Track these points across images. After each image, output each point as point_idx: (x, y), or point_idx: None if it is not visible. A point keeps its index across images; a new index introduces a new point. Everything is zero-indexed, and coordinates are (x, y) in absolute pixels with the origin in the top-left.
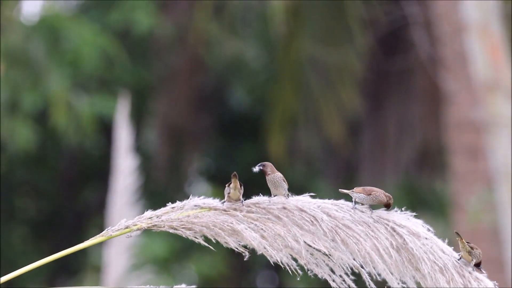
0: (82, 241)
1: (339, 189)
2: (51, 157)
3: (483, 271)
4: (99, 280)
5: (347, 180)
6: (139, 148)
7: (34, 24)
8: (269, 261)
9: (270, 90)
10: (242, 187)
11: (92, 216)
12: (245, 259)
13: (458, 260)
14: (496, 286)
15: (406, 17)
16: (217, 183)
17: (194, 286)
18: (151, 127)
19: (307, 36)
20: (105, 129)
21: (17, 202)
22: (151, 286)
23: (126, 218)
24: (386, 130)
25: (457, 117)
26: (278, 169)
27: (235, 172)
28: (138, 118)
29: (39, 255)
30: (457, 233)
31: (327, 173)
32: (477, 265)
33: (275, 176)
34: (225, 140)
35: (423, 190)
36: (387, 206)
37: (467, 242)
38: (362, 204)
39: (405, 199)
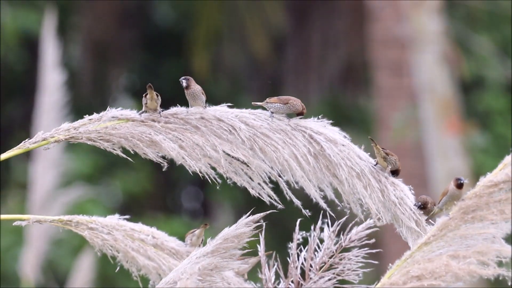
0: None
1: (252, 102)
2: None
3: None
4: (24, 197)
5: (271, 96)
6: (65, 63)
7: None
8: (193, 177)
9: (195, 5)
10: (159, 97)
11: (15, 132)
12: (163, 169)
13: (374, 166)
14: (411, 190)
15: None
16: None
17: None
18: (76, 43)
19: None
20: (29, 43)
21: None
22: None
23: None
24: (310, 45)
25: (382, 33)
26: (202, 85)
27: (149, 84)
28: (62, 33)
29: None
30: (372, 139)
31: (251, 88)
32: (394, 173)
33: (194, 90)
34: (149, 56)
35: (347, 106)
36: (301, 115)
37: (382, 149)
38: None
39: (329, 115)
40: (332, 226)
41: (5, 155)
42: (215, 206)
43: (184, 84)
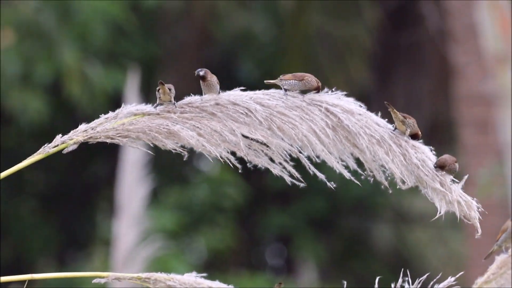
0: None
1: (265, 81)
2: (61, 129)
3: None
4: (108, 253)
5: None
6: None
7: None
8: (278, 234)
9: (278, 63)
10: (173, 90)
11: (101, 189)
12: (184, 159)
13: (393, 131)
14: (432, 151)
15: None
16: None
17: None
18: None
19: (316, 9)
20: (114, 102)
21: (26, 175)
22: None
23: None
24: (394, 103)
25: (467, 90)
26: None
27: (160, 80)
28: (146, 91)
29: (48, 228)
30: (388, 104)
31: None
32: (415, 137)
33: (211, 80)
34: None
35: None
36: (317, 90)
37: (400, 113)
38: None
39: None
40: (413, 283)
41: (25, 162)
42: (299, 263)
43: (202, 73)
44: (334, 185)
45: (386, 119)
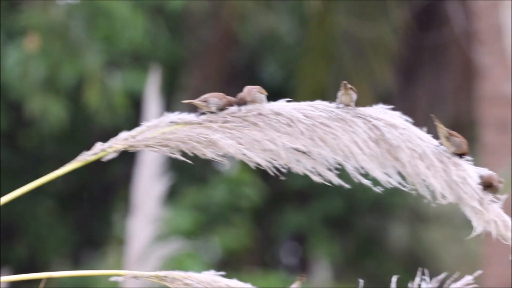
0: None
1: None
2: (81, 132)
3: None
4: (122, 253)
5: None
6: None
7: (77, 3)
8: (293, 233)
9: (303, 63)
10: (214, 99)
11: (118, 190)
12: (225, 167)
13: (437, 147)
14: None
15: None
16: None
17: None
18: (183, 103)
19: (341, 10)
20: (136, 103)
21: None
22: None
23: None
24: (417, 104)
25: (490, 90)
26: None
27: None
28: (170, 93)
29: (64, 228)
30: (435, 117)
31: None
32: (461, 156)
33: (253, 98)
34: None
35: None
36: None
37: (446, 129)
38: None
39: None
40: (430, 281)
41: (64, 169)
42: (313, 262)
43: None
44: (381, 190)
45: (432, 135)
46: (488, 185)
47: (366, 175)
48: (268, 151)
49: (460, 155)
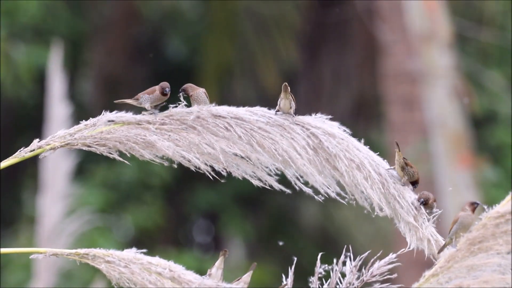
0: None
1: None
2: None
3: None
4: (33, 231)
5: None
6: (74, 98)
7: None
8: (205, 212)
9: (207, 40)
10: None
11: (27, 167)
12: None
13: (388, 169)
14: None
15: None
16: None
17: None
18: (87, 78)
19: None
20: (40, 78)
21: None
22: None
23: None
24: (322, 80)
25: (393, 67)
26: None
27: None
28: (73, 68)
29: None
30: (397, 144)
31: None
32: (413, 184)
33: (198, 93)
34: None
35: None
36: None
37: (403, 158)
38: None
39: None
40: (354, 260)
41: (3, 164)
42: (227, 240)
43: (183, 95)
44: (322, 199)
45: (385, 160)
46: (424, 203)
47: (306, 183)
48: (207, 155)
49: (413, 183)
